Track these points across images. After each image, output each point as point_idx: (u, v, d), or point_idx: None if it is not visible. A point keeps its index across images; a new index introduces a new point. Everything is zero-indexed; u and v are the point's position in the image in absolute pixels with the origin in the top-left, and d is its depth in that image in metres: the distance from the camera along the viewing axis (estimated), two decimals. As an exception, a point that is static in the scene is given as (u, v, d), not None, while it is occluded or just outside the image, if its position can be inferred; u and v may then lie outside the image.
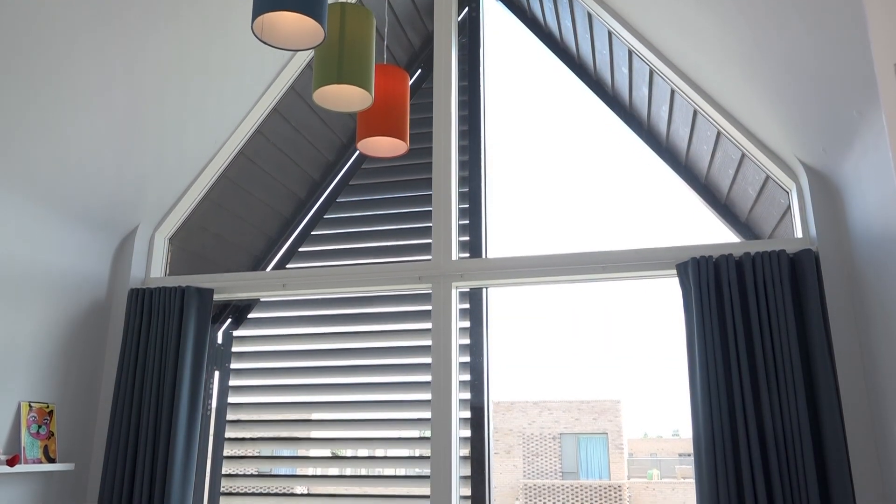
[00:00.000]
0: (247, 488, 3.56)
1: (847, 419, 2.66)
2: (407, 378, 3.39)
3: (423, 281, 3.32)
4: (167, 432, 3.21)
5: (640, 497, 8.77)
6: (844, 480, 2.54)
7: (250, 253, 3.92)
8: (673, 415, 9.30)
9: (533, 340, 9.86)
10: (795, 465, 2.60)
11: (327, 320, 3.58)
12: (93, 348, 3.44)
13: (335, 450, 3.47)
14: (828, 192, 2.87)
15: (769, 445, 2.63)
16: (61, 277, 3.26)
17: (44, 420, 3.09)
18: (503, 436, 9.00)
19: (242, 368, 3.62)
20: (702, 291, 2.84)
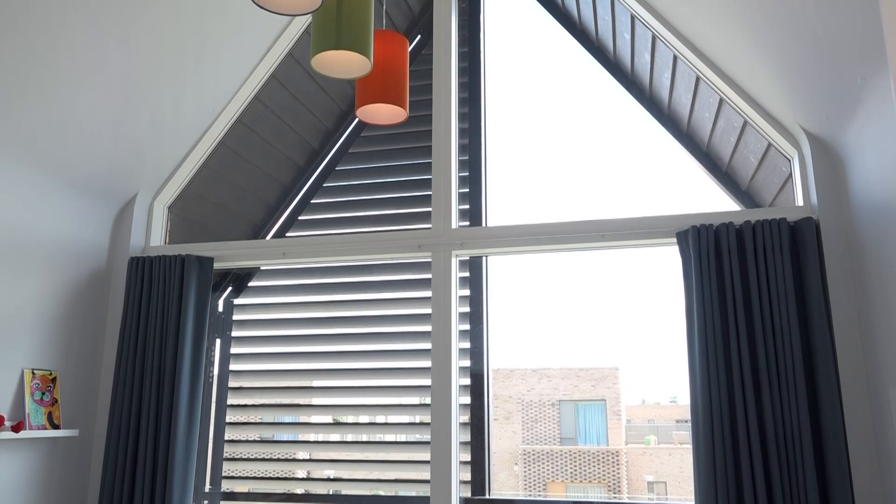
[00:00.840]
0: (249, 454, 3.61)
1: (844, 386, 2.68)
2: (407, 346, 3.41)
3: (422, 249, 3.32)
4: (170, 399, 3.24)
5: (638, 462, 8.90)
6: (839, 445, 2.57)
7: (250, 221, 3.92)
8: (671, 382, 9.43)
9: (533, 308, 9.91)
10: (792, 431, 2.63)
11: (327, 289, 3.59)
12: (94, 316, 3.45)
13: (336, 416, 3.51)
14: (829, 160, 2.86)
15: (766, 411, 2.66)
16: (61, 246, 3.26)
17: (47, 387, 3.12)
18: (502, 402, 9.11)
19: (243, 336, 3.64)
20: (701, 259, 2.84)
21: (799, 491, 2.58)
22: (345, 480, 3.42)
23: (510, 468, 8.96)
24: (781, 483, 2.60)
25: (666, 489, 8.70)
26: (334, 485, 3.46)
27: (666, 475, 8.77)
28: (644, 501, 8.53)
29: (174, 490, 3.13)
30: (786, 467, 2.62)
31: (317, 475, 3.51)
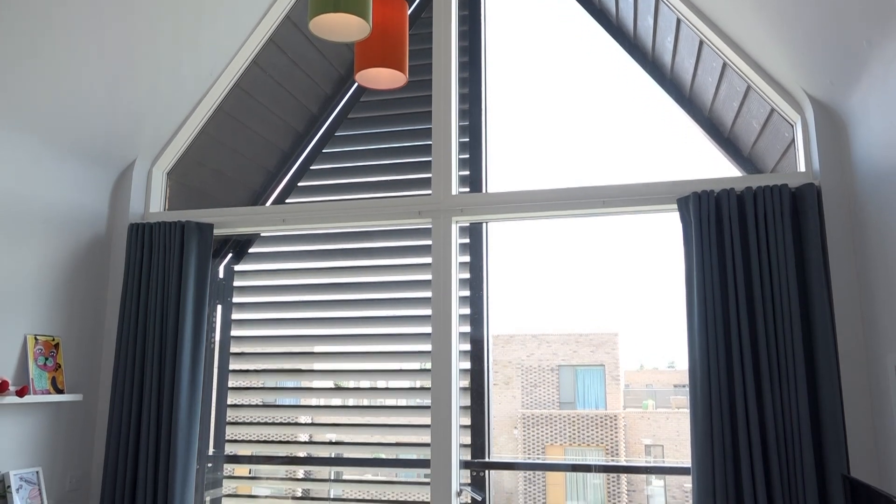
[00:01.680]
0: (252, 418, 3.65)
1: (841, 353, 2.70)
2: (408, 312, 3.43)
3: (423, 216, 3.32)
4: (172, 364, 3.27)
5: (636, 426, 9.02)
6: (836, 412, 2.60)
7: (249, 188, 3.90)
8: (669, 347, 9.51)
9: (532, 275, 9.93)
10: (789, 395, 2.66)
11: (328, 255, 3.60)
12: (95, 282, 3.46)
13: (338, 381, 3.55)
14: (833, 126, 2.84)
15: (763, 377, 2.69)
16: (60, 212, 3.26)
17: (50, 352, 3.14)
18: (502, 367, 9.19)
19: (244, 303, 3.66)
20: (702, 226, 2.84)
21: (794, 456, 2.61)
22: (346, 444, 3.47)
23: (510, 432, 9.08)
24: (777, 447, 2.63)
25: (663, 452, 8.83)
26: (336, 448, 3.51)
27: (663, 438, 8.89)
28: (641, 464, 8.68)
29: (178, 453, 3.18)
30: (782, 433, 2.65)
31: (319, 439, 3.56)
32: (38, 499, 2.99)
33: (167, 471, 3.18)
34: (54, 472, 3.16)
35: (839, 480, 2.54)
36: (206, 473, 3.52)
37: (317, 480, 3.65)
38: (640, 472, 3.55)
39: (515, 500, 8.91)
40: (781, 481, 2.61)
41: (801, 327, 2.68)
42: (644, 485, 8.64)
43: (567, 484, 8.86)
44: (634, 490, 8.70)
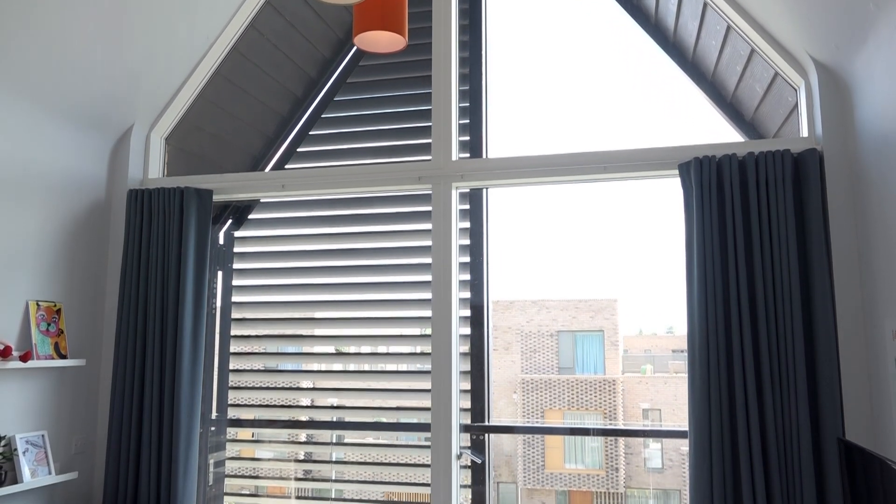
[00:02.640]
0: (254, 383, 3.69)
1: (840, 319, 2.71)
2: (408, 278, 3.44)
3: (422, 181, 3.30)
4: (174, 329, 3.29)
5: (634, 390, 9.11)
6: (833, 376, 2.62)
7: (248, 153, 3.88)
8: (668, 313, 9.56)
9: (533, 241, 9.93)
10: (787, 359, 2.68)
11: (328, 221, 3.59)
12: (95, 248, 3.47)
13: (338, 346, 3.57)
14: (837, 90, 2.81)
15: (761, 341, 2.70)
16: (58, 178, 3.24)
17: (52, 318, 3.16)
18: (502, 333, 9.26)
19: (245, 269, 3.67)
20: (703, 191, 2.83)
21: (791, 419, 2.64)
22: (348, 408, 3.51)
23: (509, 396, 9.17)
24: (774, 411, 2.66)
25: (660, 416, 8.94)
26: (338, 412, 3.55)
27: (661, 403, 8.99)
28: (639, 427, 8.77)
29: (181, 417, 3.22)
30: (779, 397, 2.67)
31: (320, 403, 3.60)
32: (44, 461, 3.03)
33: (171, 434, 3.22)
34: (59, 436, 3.20)
35: (834, 444, 2.58)
36: (210, 437, 3.56)
37: (319, 444, 3.70)
38: (637, 435, 3.60)
39: (514, 462, 9.05)
40: (777, 445, 2.64)
41: (801, 293, 2.69)
42: (641, 448, 8.77)
43: (565, 447, 8.99)
44: (632, 453, 8.82)
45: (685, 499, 8.60)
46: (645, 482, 8.78)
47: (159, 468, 3.23)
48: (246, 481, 3.71)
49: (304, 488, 3.75)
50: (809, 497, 2.56)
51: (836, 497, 2.55)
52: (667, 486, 8.72)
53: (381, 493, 3.57)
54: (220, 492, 3.58)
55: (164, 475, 3.20)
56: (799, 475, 2.59)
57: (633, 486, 8.79)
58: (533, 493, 9.01)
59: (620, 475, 8.80)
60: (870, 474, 2.09)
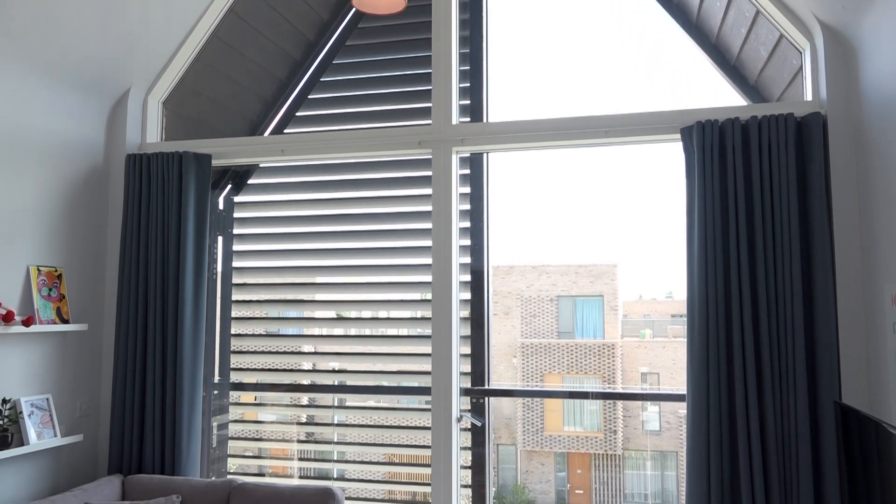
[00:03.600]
0: (256, 347, 3.71)
1: (839, 282, 2.72)
2: (408, 243, 3.44)
3: (423, 146, 3.28)
4: (175, 294, 3.30)
5: (633, 354, 9.19)
6: (831, 339, 2.64)
7: (247, 118, 3.84)
8: (668, 278, 9.56)
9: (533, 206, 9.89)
10: (785, 323, 2.69)
11: (328, 186, 3.57)
12: (95, 213, 3.46)
13: (339, 311, 3.59)
14: (843, 53, 2.77)
15: (761, 305, 2.71)
16: (56, 142, 3.22)
17: (53, 283, 3.17)
18: (502, 298, 9.30)
19: (245, 234, 3.66)
20: (705, 156, 2.81)
21: (788, 382, 2.67)
22: (349, 372, 3.54)
23: (509, 360, 9.25)
24: (771, 374, 2.68)
25: (658, 380, 9.03)
26: (339, 376, 3.59)
27: (659, 367, 9.08)
28: (637, 391, 8.86)
29: (184, 380, 3.25)
30: (777, 360, 2.69)
31: (322, 367, 3.63)
32: (49, 424, 3.07)
33: (174, 397, 3.26)
34: (64, 399, 3.24)
35: (831, 407, 2.60)
36: (213, 400, 3.60)
37: (321, 407, 3.74)
38: (636, 398, 3.64)
39: (514, 425, 9.17)
40: (774, 407, 2.67)
41: (801, 258, 2.69)
42: (639, 411, 8.88)
43: (564, 410, 9.10)
44: (630, 416, 8.94)
45: (682, 460, 8.74)
46: (643, 444, 8.91)
47: (163, 430, 3.28)
48: (249, 443, 3.76)
49: (306, 450, 3.80)
50: (805, 459, 2.59)
51: (831, 459, 2.59)
52: (664, 447, 8.86)
53: (382, 455, 3.62)
54: (223, 453, 3.64)
55: (167, 437, 3.25)
56: (795, 438, 2.63)
57: (630, 447, 8.93)
58: (532, 454, 9.15)
59: (618, 437, 8.93)
60: (865, 437, 2.11)
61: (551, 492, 9.10)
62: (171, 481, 3.10)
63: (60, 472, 3.20)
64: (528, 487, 9.09)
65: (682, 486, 8.67)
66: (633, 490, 8.92)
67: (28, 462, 3.04)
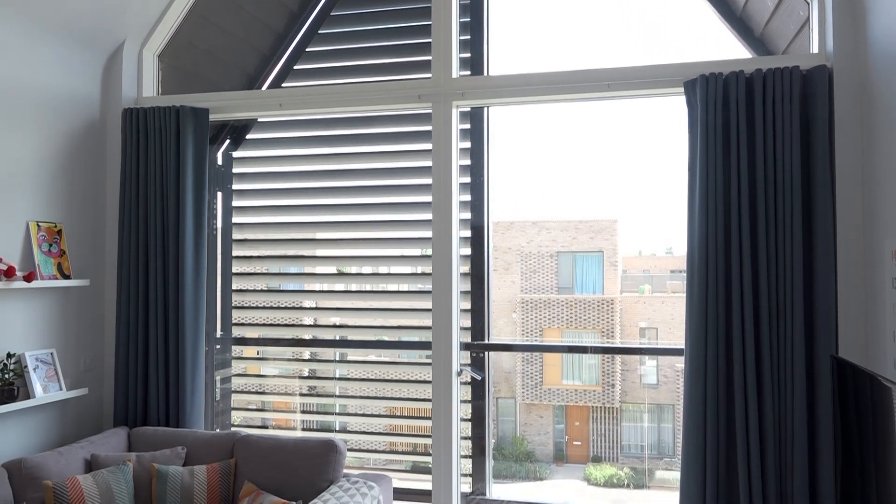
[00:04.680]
0: (257, 302, 3.73)
1: (840, 237, 2.72)
2: (409, 198, 3.42)
3: (422, 100, 3.24)
4: (175, 249, 3.31)
5: (631, 309, 9.25)
6: (829, 296, 2.65)
7: (244, 71, 3.79)
8: (668, 234, 9.55)
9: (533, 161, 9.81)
10: (785, 278, 2.70)
11: (327, 141, 3.54)
12: (93, 169, 3.44)
13: (340, 267, 3.60)
14: (850, 5, 2.71)
15: (760, 260, 2.72)
16: (51, 96, 3.18)
17: (53, 239, 3.17)
18: (502, 254, 9.32)
19: (244, 189, 3.65)
20: (708, 109, 2.78)
21: (786, 337, 2.69)
22: (350, 327, 3.57)
23: (508, 315, 9.31)
24: (770, 328, 2.70)
25: (657, 334, 9.11)
26: (340, 331, 3.62)
27: (658, 321, 9.15)
28: (636, 345, 8.94)
29: (186, 334, 3.27)
30: (775, 315, 2.71)
31: (323, 322, 3.66)
32: (54, 378, 3.11)
33: (177, 351, 3.29)
34: (68, 354, 3.27)
35: (827, 361, 2.63)
36: (216, 355, 3.64)
37: (322, 361, 3.79)
38: (634, 353, 3.67)
39: (514, 379, 9.30)
40: (771, 361, 2.70)
41: (802, 213, 2.68)
42: (637, 365, 8.98)
43: (563, 364, 9.21)
44: (628, 370, 9.04)
45: (678, 413, 8.88)
46: (640, 397, 9.04)
47: (167, 384, 3.32)
48: (252, 397, 3.82)
49: (308, 403, 3.86)
50: (800, 412, 2.63)
51: (825, 411, 2.62)
52: (661, 400, 8.99)
53: (383, 408, 3.68)
54: (227, 407, 3.69)
55: (171, 390, 3.29)
56: (791, 390, 2.66)
57: (628, 400, 9.06)
58: (531, 407, 9.30)
59: (616, 391, 9.05)
60: (860, 390, 2.14)
61: (549, 443, 9.27)
62: (177, 433, 3.15)
63: (67, 425, 3.26)
64: (527, 439, 9.26)
65: (678, 438, 8.83)
66: (630, 442, 9.09)
67: (35, 415, 3.09)
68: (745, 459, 2.68)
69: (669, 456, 8.83)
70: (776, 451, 2.68)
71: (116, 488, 2.81)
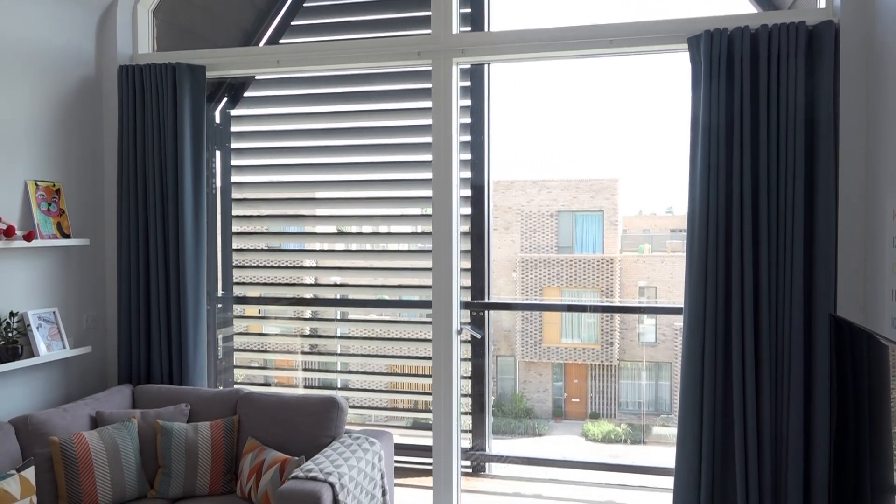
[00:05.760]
0: (258, 262, 3.74)
1: (842, 196, 2.70)
2: (409, 157, 3.40)
3: (422, 57, 3.19)
4: (175, 208, 3.30)
5: (631, 269, 9.28)
6: (829, 254, 2.65)
7: (240, 27, 3.72)
8: (668, 193, 9.52)
9: (534, 119, 9.71)
10: (785, 236, 2.70)
11: (326, 99, 3.50)
12: (89, 127, 3.41)
13: (340, 226, 3.59)
14: (860, -44, 2.65)
15: (761, 218, 2.71)
16: (45, 53, 3.13)
17: (52, 198, 3.16)
18: (502, 213, 9.30)
19: (243, 148, 3.62)
20: (712, 66, 2.74)
21: (785, 295, 2.70)
22: (351, 286, 3.58)
23: (508, 275, 9.34)
24: (769, 286, 2.71)
25: (656, 293, 9.15)
26: (341, 290, 3.63)
27: (657, 280, 9.18)
28: (635, 304, 8.98)
29: (188, 293, 3.29)
30: (775, 272, 2.72)
31: (324, 281, 3.67)
32: (57, 336, 3.13)
33: (179, 309, 3.31)
34: (70, 313, 3.29)
35: (826, 320, 2.65)
36: (217, 313, 3.66)
37: (324, 320, 3.81)
38: (633, 311, 3.70)
39: (513, 337, 9.38)
40: (770, 319, 2.71)
41: (805, 171, 2.67)
42: (636, 323, 9.03)
43: (562, 323, 9.27)
44: (626, 328, 9.10)
45: (676, 371, 8.98)
46: (638, 355, 9.12)
47: (169, 342, 3.35)
48: (254, 355, 3.86)
49: (310, 362, 3.90)
50: (797, 370, 2.66)
51: (822, 370, 2.65)
52: (659, 358, 9.08)
53: (384, 366, 3.72)
54: (229, 365, 3.73)
55: (174, 348, 3.32)
56: (788, 350, 2.68)
57: (626, 358, 9.15)
58: (530, 365, 9.40)
59: (615, 349, 9.14)
60: (857, 348, 2.16)
61: (548, 400, 9.40)
62: (180, 390, 3.19)
63: (71, 383, 3.30)
64: (526, 396, 9.39)
65: (675, 396, 8.95)
66: (628, 399, 9.21)
67: (39, 373, 3.12)
68: (742, 416, 2.71)
69: (666, 413, 8.97)
70: (772, 409, 2.72)
71: (122, 444, 2.86)
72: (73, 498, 2.71)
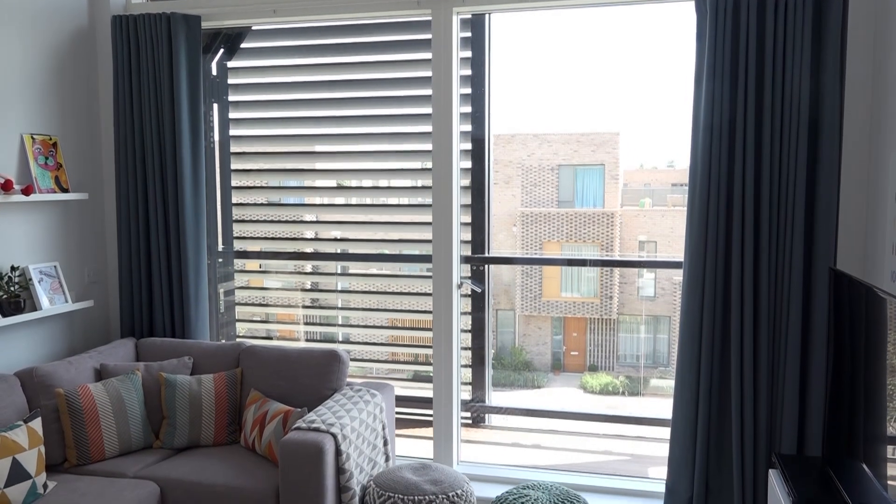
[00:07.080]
0: (258, 216, 3.73)
1: (845, 147, 2.68)
2: (408, 110, 3.36)
3: (421, 6, 3.12)
4: (173, 162, 3.28)
5: (631, 223, 9.27)
6: (831, 206, 2.64)
7: (236, -25, 3.63)
8: (670, 147, 9.41)
9: (535, 72, 9.56)
10: (787, 188, 2.68)
11: (324, 50, 3.44)
12: (84, 79, 3.36)
13: (340, 180, 3.57)
14: None
15: (764, 169, 2.70)
16: (35, 3, 3.06)
17: (49, 152, 3.13)
18: (503, 167, 9.25)
19: (241, 101, 3.57)
20: (718, 17, 2.68)
21: (785, 247, 2.70)
22: (351, 240, 3.58)
23: (509, 229, 9.34)
24: (770, 240, 2.71)
25: (656, 248, 9.17)
26: (341, 244, 3.63)
27: (657, 235, 9.19)
28: (635, 258, 9.01)
29: (188, 248, 3.29)
30: (776, 227, 2.71)
31: (324, 236, 3.67)
32: (59, 290, 3.14)
33: (179, 263, 3.32)
34: (71, 267, 3.30)
35: (825, 273, 2.65)
36: (218, 268, 3.67)
37: (324, 274, 3.82)
38: (633, 266, 3.70)
39: (513, 291, 9.43)
40: (769, 273, 2.72)
41: (809, 124, 2.64)
42: (635, 277, 9.08)
43: (562, 277, 9.31)
44: (626, 282, 9.15)
45: (675, 324, 9.06)
46: (637, 309, 9.19)
47: (171, 295, 3.36)
48: (256, 309, 3.88)
49: (311, 315, 3.92)
50: (795, 323, 2.68)
51: (820, 323, 2.67)
52: (658, 312, 9.15)
53: (385, 320, 3.74)
54: (231, 318, 3.76)
55: (176, 302, 3.34)
56: (787, 303, 2.70)
57: (625, 312, 9.22)
58: (530, 319, 9.47)
59: (614, 303, 9.19)
60: (855, 301, 2.17)
61: (547, 353, 9.51)
62: (183, 343, 3.22)
63: (75, 337, 3.32)
64: (526, 349, 9.49)
65: (673, 349, 9.05)
66: (626, 352, 9.32)
67: (42, 326, 3.14)
68: (739, 368, 2.74)
69: (664, 365, 9.07)
70: (769, 362, 2.75)
71: (126, 396, 2.90)
72: (81, 448, 2.76)
